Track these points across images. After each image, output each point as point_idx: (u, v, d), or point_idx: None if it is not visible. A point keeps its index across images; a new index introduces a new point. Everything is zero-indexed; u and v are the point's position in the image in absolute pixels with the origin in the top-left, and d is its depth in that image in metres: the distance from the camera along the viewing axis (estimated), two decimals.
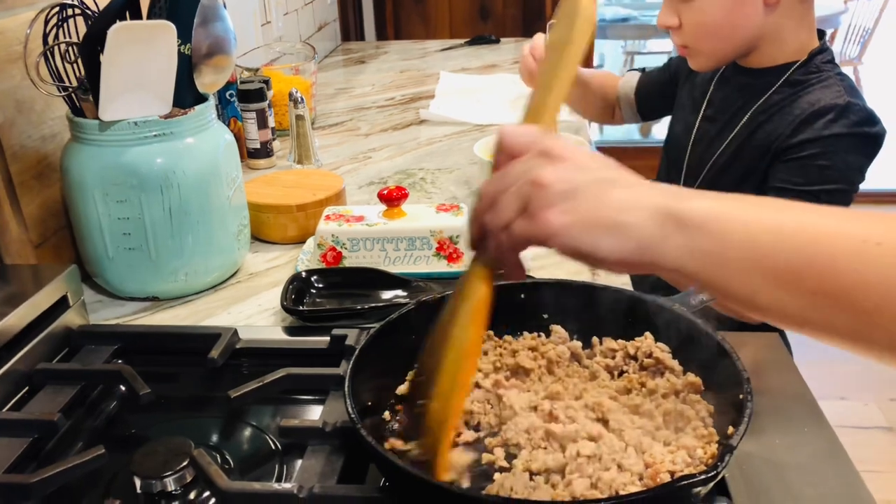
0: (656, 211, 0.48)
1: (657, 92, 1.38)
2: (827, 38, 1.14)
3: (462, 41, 2.58)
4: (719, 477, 0.53)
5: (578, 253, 0.49)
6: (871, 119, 1.03)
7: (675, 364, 0.69)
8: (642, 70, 1.45)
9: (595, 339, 0.75)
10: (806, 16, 1.08)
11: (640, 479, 0.57)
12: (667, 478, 0.56)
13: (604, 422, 0.64)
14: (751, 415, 0.57)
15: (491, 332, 0.76)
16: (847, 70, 4.40)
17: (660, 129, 3.87)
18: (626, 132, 4.13)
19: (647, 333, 0.72)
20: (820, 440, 0.69)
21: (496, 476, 0.60)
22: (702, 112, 1.20)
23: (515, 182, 0.50)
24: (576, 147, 0.52)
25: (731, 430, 0.57)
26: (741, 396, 0.59)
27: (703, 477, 0.51)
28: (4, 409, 0.75)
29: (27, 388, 0.78)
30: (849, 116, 1.02)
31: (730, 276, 0.47)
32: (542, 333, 0.76)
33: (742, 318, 1.05)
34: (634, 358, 0.71)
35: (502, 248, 0.52)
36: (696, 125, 1.21)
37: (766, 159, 1.07)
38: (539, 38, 1.35)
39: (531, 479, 0.59)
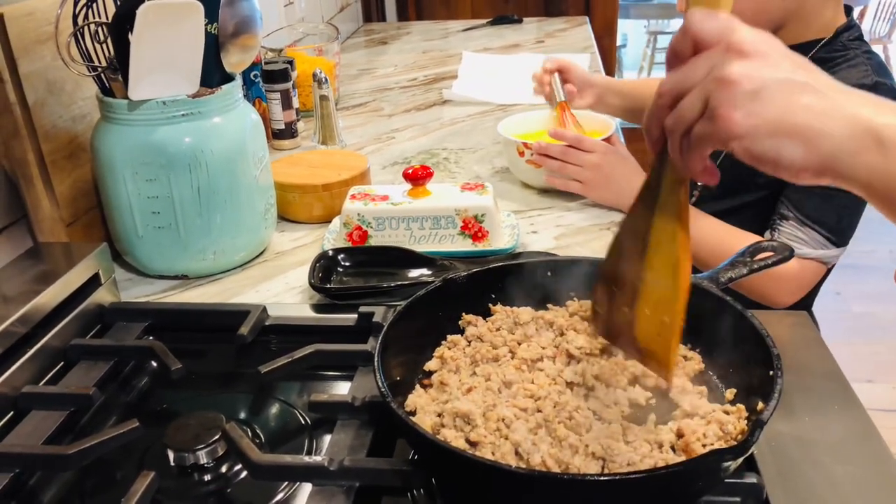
0: (853, 122, 0.46)
1: None
2: (855, 14, 1.12)
3: (484, 21, 2.56)
4: (749, 451, 0.53)
5: (759, 159, 0.47)
6: None
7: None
8: None
9: None
10: None
11: (673, 450, 0.57)
12: (699, 450, 0.56)
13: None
14: (781, 391, 0.56)
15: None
16: (877, 48, 4.34)
17: None
18: None
19: None
20: (850, 419, 0.68)
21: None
22: None
23: (700, 80, 0.47)
24: (769, 40, 0.48)
25: (760, 406, 0.57)
26: (771, 373, 0.58)
27: (734, 451, 0.51)
28: (41, 383, 0.77)
29: (62, 363, 0.80)
30: None
31: None
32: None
33: (773, 304, 1.04)
34: None
35: (682, 152, 0.49)
36: None
37: None
38: (549, 62, 1.34)
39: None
